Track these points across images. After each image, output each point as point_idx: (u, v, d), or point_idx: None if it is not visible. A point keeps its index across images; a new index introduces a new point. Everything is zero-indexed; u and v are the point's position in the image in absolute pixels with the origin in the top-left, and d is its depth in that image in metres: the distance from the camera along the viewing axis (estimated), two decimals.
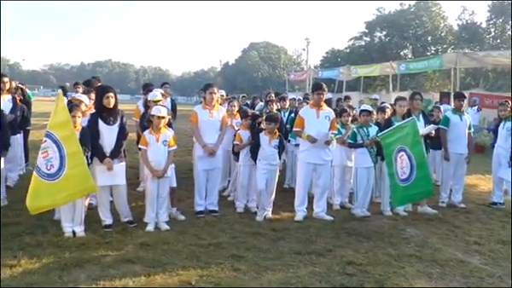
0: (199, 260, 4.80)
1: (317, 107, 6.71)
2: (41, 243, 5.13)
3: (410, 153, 6.47)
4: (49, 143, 5.22)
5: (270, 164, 6.54)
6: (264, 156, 6.53)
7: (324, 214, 6.66)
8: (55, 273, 4.34)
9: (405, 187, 6.44)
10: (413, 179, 6.42)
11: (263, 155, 6.54)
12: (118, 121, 5.81)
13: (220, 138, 6.70)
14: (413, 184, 6.43)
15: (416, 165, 6.43)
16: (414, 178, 6.42)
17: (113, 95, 5.79)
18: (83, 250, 4.96)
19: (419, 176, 6.43)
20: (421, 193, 6.67)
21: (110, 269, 4.49)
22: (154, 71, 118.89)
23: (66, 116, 5.34)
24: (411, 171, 6.44)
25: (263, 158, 6.54)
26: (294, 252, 5.13)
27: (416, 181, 6.42)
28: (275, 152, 6.56)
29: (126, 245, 5.15)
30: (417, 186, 6.45)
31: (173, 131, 6.41)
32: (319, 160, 6.65)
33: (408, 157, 6.47)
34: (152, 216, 5.84)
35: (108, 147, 5.72)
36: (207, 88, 6.70)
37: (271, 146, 6.54)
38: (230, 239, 5.49)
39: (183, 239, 5.42)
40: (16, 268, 4.44)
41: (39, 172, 5.19)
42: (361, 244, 5.55)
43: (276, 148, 6.57)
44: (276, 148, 6.56)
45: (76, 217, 5.52)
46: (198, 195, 6.64)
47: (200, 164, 6.62)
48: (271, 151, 6.53)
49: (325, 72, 36.04)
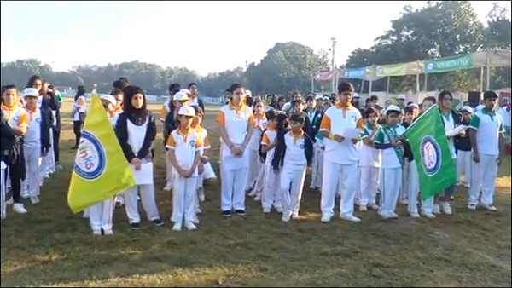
0: (226, 259, 4.83)
1: (343, 107, 6.66)
2: (71, 240, 5.24)
3: (435, 142, 6.48)
4: (88, 143, 5.35)
5: (296, 163, 6.52)
6: (290, 156, 6.50)
7: (351, 215, 6.60)
8: (84, 270, 4.44)
9: (433, 177, 6.46)
10: (439, 167, 6.44)
11: (289, 155, 6.51)
12: (146, 121, 5.87)
13: (247, 138, 6.72)
14: (440, 173, 6.46)
15: (441, 153, 6.43)
16: (440, 166, 6.44)
17: (142, 95, 5.86)
18: (111, 248, 5.05)
19: (444, 164, 6.46)
20: (447, 181, 6.66)
21: (138, 267, 4.56)
22: (180, 71, 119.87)
23: (103, 116, 5.47)
24: (437, 160, 6.45)
25: (289, 158, 6.52)
26: (321, 253, 5.11)
27: (442, 170, 6.46)
28: (301, 152, 6.52)
29: (153, 244, 5.21)
30: (443, 174, 6.49)
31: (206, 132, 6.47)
32: (345, 161, 6.59)
33: (434, 145, 6.49)
34: (179, 216, 5.90)
35: (136, 147, 5.80)
36: (234, 88, 6.73)
37: (297, 145, 6.51)
38: (257, 239, 5.50)
39: (210, 239, 5.46)
40: (48, 264, 4.56)
41: (79, 172, 5.32)
42: (388, 246, 5.49)
43: (302, 148, 6.53)
44: (301, 148, 6.53)
45: (104, 216, 5.62)
46: (225, 195, 6.68)
47: (227, 164, 6.65)
48: (297, 151, 6.50)
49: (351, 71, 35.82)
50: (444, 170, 6.49)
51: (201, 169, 6.26)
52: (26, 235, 5.37)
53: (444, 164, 6.48)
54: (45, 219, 6.02)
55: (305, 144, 6.57)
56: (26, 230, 5.55)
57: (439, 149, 6.47)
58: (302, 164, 6.59)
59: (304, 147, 6.54)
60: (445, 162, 6.51)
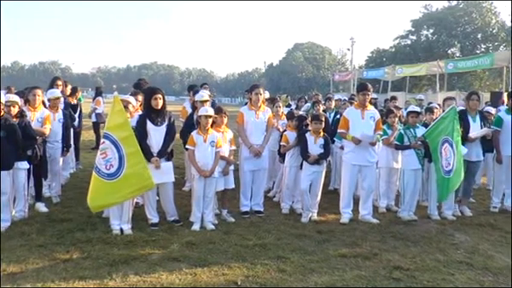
0: (244, 260, 4.83)
1: (361, 108, 6.61)
2: (91, 239, 5.31)
3: (453, 142, 6.44)
4: (108, 144, 5.42)
5: (316, 164, 6.49)
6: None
7: (370, 217, 6.54)
8: (104, 269, 4.49)
9: (449, 178, 6.42)
10: (455, 168, 6.41)
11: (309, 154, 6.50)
12: (165, 122, 5.91)
13: (266, 139, 6.72)
14: (455, 173, 6.42)
15: (456, 154, 6.41)
16: (455, 167, 6.42)
17: (161, 96, 5.91)
18: (130, 248, 5.10)
19: (458, 166, 6.46)
20: (457, 183, 6.60)
21: (157, 267, 4.59)
22: (199, 72, 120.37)
23: (124, 118, 5.54)
24: (454, 160, 6.39)
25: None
26: (340, 255, 5.07)
27: (456, 171, 6.43)
28: (321, 153, 6.50)
29: (172, 244, 5.24)
30: (457, 173, 6.45)
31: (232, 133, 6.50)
32: (364, 162, 6.54)
33: (450, 145, 6.43)
34: (198, 216, 5.92)
35: (156, 148, 5.84)
36: (253, 89, 6.73)
37: (317, 145, 6.50)
38: (276, 240, 5.49)
39: (229, 239, 5.47)
40: (69, 263, 4.63)
41: (99, 173, 5.39)
42: (408, 248, 5.42)
43: (322, 148, 6.51)
44: (321, 148, 6.51)
45: (123, 215, 5.67)
46: (243, 196, 6.69)
47: (246, 164, 6.66)
48: (317, 151, 6.49)
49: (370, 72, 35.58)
50: (457, 172, 6.45)
51: (227, 172, 6.27)
52: (47, 234, 5.46)
53: (457, 166, 6.45)
54: (66, 218, 6.12)
55: (325, 144, 6.55)
56: (48, 229, 5.66)
57: (455, 149, 6.42)
58: (322, 165, 6.56)
59: (323, 147, 6.52)
60: (459, 164, 6.47)
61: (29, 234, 5.42)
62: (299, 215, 6.60)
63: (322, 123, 6.54)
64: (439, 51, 44.16)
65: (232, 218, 6.34)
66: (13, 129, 5.68)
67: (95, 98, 13.64)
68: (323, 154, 6.54)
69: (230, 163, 6.33)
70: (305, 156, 6.52)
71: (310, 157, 6.45)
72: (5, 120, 5.66)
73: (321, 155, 6.49)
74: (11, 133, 5.65)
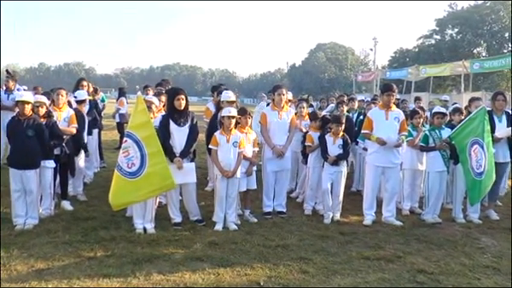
0: (267, 261, 4.83)
1: (386, 109, 6.54)
2: (114, 237, 5.38)
3: (483, 143, 6.32)
4: (130, 143, 5.47)
5: (337, 165, 6.46)
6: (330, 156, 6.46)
7: (393, 219, 6.47)
8: (127, 267, 4.54)
9: (481, 181, 6.31)
10: (486, 169, 6.30)
11: (329, 155, 6.47)
12: (188, 122, 5.95)
13: (289, 140, 6.70)
14: (487, 175, 6.32)
15: (487, 156, 6.29)
16: (487, 169, 6.29)
17: (184, 97, 5.95)
18: (153, 247, 5.14)
19: (489, 168, 6.34)
20: (489, 185, 6.48)
21: (180, 266, 4.63)
22: (221, 73, 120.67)
23: (146, 117, 5.59)
24: (485, 161, 6.29)
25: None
26: (363, 257, 5.03)
27: (488, 173, 6.33)
28: (339, 153, 6.47)
29: (195, 243, 5.27)
30: (488, 175, 6.34)
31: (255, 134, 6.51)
32: (388, 163, 6.47)
33: (481, 147, 6.32)
34: (220, 216, 5.94)
35: (178, 148, 5.88)
36: (276, 89, 6.73)
37: (335, 146, 6.48)
38: (298, 241, 5.48)
39: (252, 240, 5.47)
40: (93, 260, 4.70)
41: (121, 171, 5.46)
42: (432, 251, 5.34)
43: (341, 148, 6.48)
44: (340, 148, 6.48)
45: (147, 215, 5.73)
46: (266, 196, 6.69)
47: (268, 165, 6.66)
48: (336, 151, 6.47)
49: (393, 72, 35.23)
50: (489, 174, 6.34)
51: (250, 172, 6.29)
52: (72, 232, 5.56)
53: (489, 168, 6.33)
54: (90, 216, 6.21)
55: (344, 144, 6.52)
56: (73, 227, 5.75)
57: (486, 151, 6.30)
58: (341, 166, 6.54)
59: (342, 148, 6.49)
60: (490, 165, 6.36)
61: (55, 232, 5.53)
62: (322, 216, 6.58)
63: (342, 125, 6.52)
64: (464, 51, 43.39)
65: (255, 218, 6.34)
66: (40, 128, 5.81)
67: (118, 98, 13.81)
68: (342, 155, 6.52)
69: (253, 163, 6.34)
70: (325, 157, 6.51)
71: (329, 158, 6.45)
72: (33, 120, 5.79)
73: (339, 156, 6.47)
74: (38, 132, 5.78)
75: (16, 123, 5.81)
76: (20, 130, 5.73)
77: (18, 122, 5.79)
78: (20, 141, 5.75)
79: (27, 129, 5.72)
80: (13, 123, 5.87)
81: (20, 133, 5.73)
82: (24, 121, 5.75)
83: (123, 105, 13.30)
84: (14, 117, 5.96)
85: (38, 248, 4.98)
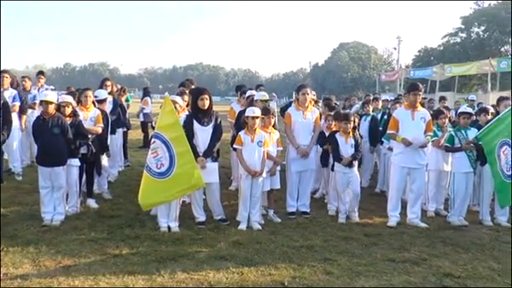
0: (291, 261, 4.81)
1: (412, 108, 6.45)
2: (139, 236, 5.44)
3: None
4: (158, 144, 5.54)
5: (351, 166, 6.42)
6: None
7: (418, 221, 6.38)
8: (152, 265, 4.58)
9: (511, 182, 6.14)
10: None
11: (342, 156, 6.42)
12: (212, 122, 5.98)
13: (313, 139, 6.67)
14: None
15: None
16: None
17: (208, 96, 5.98)
18: (178, 245, 5.18)
19: None
20: None
21: (204, 265, 4.64)
22: (244, 73, 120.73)
23: (174, 118, 5.65)
24: None
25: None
26: (388, 259, 4.96)
27: None
28: (353, 153, 6.41)
29: (219, 243, 5.29)
30: None
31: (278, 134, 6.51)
32: (414, 164, 6.38)
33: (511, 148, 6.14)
34: (244, 215, 5.96)
35: (202, 147, 5.91)
36: (300, 89, 6.70)
37: (348, 145, 6.42)
38: (322, 242, 5.45)
39: (276, 240, 5.47)
40: (119, 258, 4.76)
41: (150, 171, 5.52)
42: (459, 255, 5.23)
43: (353, 147, 6.42)
44: (352, 147, 6.42)
45: (171, 213, 5.78)
46: (290, 196, 6.67)
47: (293, 165, 6.64)
48: (349, 151, 6.40)
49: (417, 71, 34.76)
50: None
51: (274, 172, 6.29)
52: (98, 229, 5.64)
53: None
54: (115, 214, 6.30)
55: (355, 144, 6.46)
56: (99, 224, 5.84)
57: None
58: (354, 166, 6.48)
59: (354, 147, 6.43)
60: None
61: (81, 229, 5.62)
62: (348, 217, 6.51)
63: (350, 122, 6.45)
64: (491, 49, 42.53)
65: (278, 219, 6.33)
66: (64, 126, 5.92)
67: (143, 98, 13.98)
68: (356, 155, 6.45)
69: (277, 163, 6.33)
70: (338, 158, 6.44)
71: (342, 159, 6.38)
72: (57, 118, 5.90)
73: (354, 156, 6.40)
74: (63, 130, 5.91)
75: (41, 123, 5.94)
76: (46, 129, 5.87)
77: (43, 121, 5.92)
78: (46, 139, 5.88)
79: (52, 127, 5.85)
80: (38, 123, 6.02)
81: (46, 131, 5.87)
82: (48, 120, 5.87)
83: (147, 104, 13.46)
84: (39, 116, 6.11)
85: (65, 245, 5.07)
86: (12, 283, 4.13)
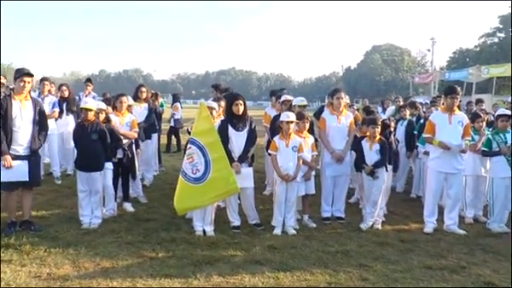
0: (326, 266, 4.79)
1: (449, 112, 6.30)
2: (175, 239, 5.52)
3: None
4: (194, 149, 5.62)
5: (372, 174, 6.30)
6: (368, 163, 6.31)
7: (456, 227, 6.23)
8: (188, 269, 4.64)
9: None
10: None
11: (366, 163, 6.33)
12: (247, 127, 6.02)
13: (348, 144, 6.63)
14: None
15: None
16: None
17: (242, 102, 6.02)
18: (213, 249, 5.23)
19: None
20: None
21: (239, 269, 4.67)
22: (276, 77, 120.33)
23: (210, 124, 5.73)
24: None
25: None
26: (425, 266, 4.87)
27: None
28: (377, 159, 6.29)
29: (254, 247, 5.31)
30: None
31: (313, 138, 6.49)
32: (451, 169, 6.23)
33: None
34: (279, 220, 5.96)
35: (237, 152, 5.95)
36: (334, 93, 6.68)
37: (373, 152, 6.30)
38: (358, 248, 5.40)
39: (311, 245, 5.46)
40: (155, 261, 4.84)
41: (185, 176, 5.61)
42: (500, 263, 5.07)
43: (378, 154, 6.29)
44: (377, 154, 6.29)
45: (206, 217, 5.84)
46: (325, 201, 6.65)
47: (327, 170, 6.61)
48: (373, 157, 6.29)
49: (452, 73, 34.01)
50: None
51: (308, 177, 6.27)
52: (134, 232, 5.76)
53: None
54: (151, 218, 6.40)
55: (381, 150, 6.31)
56: (135, 227, 5.96)
57: None
58: (380, 173, 6.34)
59: (379, 153, 6.30)
60: None
61: (118, 232, 5.74)
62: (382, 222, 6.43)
63: (378, 127, 6.33)
64: None
65: (313, 224, 6.31)
66: (103, 132, 6.08)
67: (172, 104, 14.17)
68: (380, 162, 6.27)
69: (312, 168, 6.31)
70: (361, 165, 6.34)
71: (365, 167, 6.28)
72: (96, 125, 6.06)
73: (377, 163, 6.25)
74: (102, 136, 6.06)
75: (81, 129, 6.13)
76: (85, 135, 6.04)
77: (83, 127, 6.10)
78: (85, 145, 6.06)
79: (92, 133, 6.01)
80: (78, 129, 6.22)
81: (86, 137, 6.04)
82: (88, 126, 6.04)
83: (178, 110, 13.65)
84: (79, 122, 6.32)
85: (103, 247, 5.20)
86: (55, 283, 4.28)
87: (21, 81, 5.56)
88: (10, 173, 5.50)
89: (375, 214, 6.30)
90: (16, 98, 5.57)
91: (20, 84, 5.58)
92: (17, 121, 5.53)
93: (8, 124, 5.47)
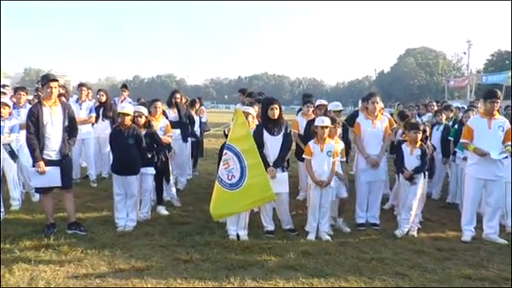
0: (362, 274, 4.72)
1: (488, 117, 6.11)
2: (209, 243, 5.54)
3: None
4: (230, 155, 5.64)
5: (411, 179, 6.18)
6: (407, 168, 6.19)
7: (496, 236, 6.03)
8: (222, 272, 4.65)
9: None
10: None
11: (405, 168, 6.21)
12: (282, 131, 6.00)
13: (383, 149, 6.55)
14: None
15: None
16: None
17: (278, 106, 6.01)
18: (247, 254, 5.23)
19: None
20: None
21: (273, 274, 4.65)
22: (309, 82, 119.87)
23: (246, 130, 5.73)
24: None
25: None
26: (463, 276, 4.73)
27: None
28: (417, 164, 6.17)
29: (288, 252, 5.27)
30: None
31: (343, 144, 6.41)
32: (491, 176, 6.04)
33: None
34: (313, 225, 5.92)
35: (272, 157, 5.94)
36: (370, 97, 6.61)
37: (413, 157, 6.18)
38: (393, 255, 5.30)
39: (345, 251, 5.39)
40: (189, 264, 4.88)
41: (221, 182, 5.62)
42: None
43: (419, 159, 6.17)
44: (417, 159, 6.17)
45: (240, 222, 5.85)
46: (359, 207, 6.56)
47: (362, 175, 6.53)
48: (413, 162, 6.16)
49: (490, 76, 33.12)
50: None
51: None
52: (169, 235, 5.81)
53: None
54: (185, 221, 6.46)
55: (422, 155, 6.18)
56: (169, 231, 6.02)
57: None
58: (419, 178, 6.21)
59: (420, 158, 6.17)
60: None
61: (152, 235, 5.82)
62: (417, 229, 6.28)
63: (420, 132, 6.21)
64: None
65: (347, 228, 6.24)
66: (139, 137, 6.18)
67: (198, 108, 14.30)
68: (420, 168, 6.16)
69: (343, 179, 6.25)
70: (401, 169, 6.24)
71: (405, 172, 6.16)
72: (133, 129, 6.16)
73: (417, 169, 6.14)
74: (138, 141, 6.16)
75: (118, 133, 6.24)
76: (122, 139, 6.14)
77: (119, 132, 6.21)
78: (121, 149, 6.16)
79: (128, 138, 6.11)
80: (115, 133, 6.33)
81: (122, 142, 6.14)
82: (125, 131, 6.15)
83: (203, 113, 13.78)
84: (116, 127, 6.45)
85: (138, 249, 5.27)
86: (91, 283, 4.37)
87: (48, 87, 5.73)
88: (43, 178, 5.70)
89: (410, 220, 6.17)
90: (46, 104, 5.74)
91: (47, 90, 5.75)
92: (48, 127, 5.71)
93: (40, 131, 5.64)
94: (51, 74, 6.03)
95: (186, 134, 8.57)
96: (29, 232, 5.82)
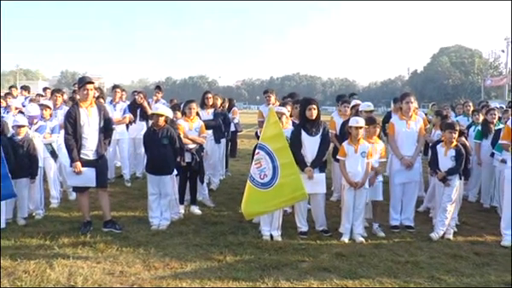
0: (396, 277, 4.64)
1: None
2: (242, 243, 5.57)
3: None
4: (262, 155, 5.66)
5: (445, 181, 6.03)
6: (441, 169, 6.05)
7: None
8: (256, 272, 4.66)
9: None
10: None
11: (439, 169, 6.07)
12: (320, 132, 6.00)
13: (417, 150, 6.43)
14: None
15: None
16: None
17: (316, 106, 6.02)
18: (280, 254, 5.23)
19: None
20: None
21: (307, 275, 4.63)
22: (341, 82, 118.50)
23: (279, 129, 5.74)
24: None
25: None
26: (504, 282, 4.58)
27: None
28: (452, 165, 6.02)
29: (322, 254, 5.25)
30: None
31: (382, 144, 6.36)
32: None
33: None
34: (347, 227, 5.87)
35: (310, 157, 5.94)
36: (404, 97, 6.50)
37: (447, 158, 6.04)
38: (429, 259, 5.19)
39: (379, 253, 5.31)
40: (223, 263, 4.91)
41: (253, 181, 5.65)
42: None
43: (453, 160, 6.01)
44: (452, 160, 6.02)
45: (274, 222, 5.85)
46: (393, 209, 6.46)
47: (396, 177, 6.43)
48: (447, 163, 6.02)
49: None
50: None
51: (373, 181, 6.12)
52: (202, 235, 5.88)
53: None
54: (218, 221, 6.51)
55: (456, 156, 6.02)
56: (202, 230, 6.08)
57: None
58: (453, 179, 6.05)
59: (454, 160, 6.01)
60: None
61: (186, 234, 5.89)
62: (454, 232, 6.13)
63: (456, 132, 6.06)
64: None
65: (383, 233, 6.12)
66: (173, 137, 6.26)
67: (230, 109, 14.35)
68: (454, 169, 6.00)
69: (377, 173, 6.17)
70: (434, 170, 6.12)
71: (438, 172, 6.03)
72: (166, 130, 6.25)
73: (450, 170, 5.99)
74: (171, 141, 6.24)
75: (152, 134, 6.34)
76: (156, 140, 6.24)
77: (153, 132, 6.31)
78: (156, 149, 6.25)
79: (162, 138, 6.20)
80: (149, 134, 6.43)
81: (156, 142, 6.23)
82: (159, 131, 6.24)
83: (236, 114, 13.83)
84: (150, 128, 6.55)
85: (172, 248, 5.35)
86: (127, 280, 4.46)
87: (84, 89, 5.91)
88: (79, 178, 5.89)
89: (445, 222, 6.03)
90: (82, 106, 5.91)
91: (83, 93, 5.93)
92: (85, 128, 5.88)
93: (77, 132, 5.82)
94: (87, 77, 6.18)
95: (219, 135, 8.62)
96: (67, 229, 6.01)
